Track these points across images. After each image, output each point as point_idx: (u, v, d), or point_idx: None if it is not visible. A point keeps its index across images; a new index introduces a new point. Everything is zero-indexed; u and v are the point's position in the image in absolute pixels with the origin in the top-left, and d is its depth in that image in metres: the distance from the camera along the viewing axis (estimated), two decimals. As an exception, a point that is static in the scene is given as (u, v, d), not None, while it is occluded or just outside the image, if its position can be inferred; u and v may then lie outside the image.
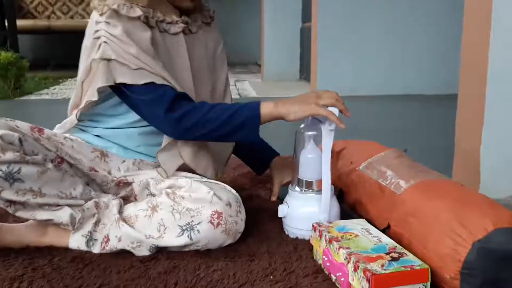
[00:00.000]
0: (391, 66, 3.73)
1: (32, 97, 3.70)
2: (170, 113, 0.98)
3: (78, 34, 5.48)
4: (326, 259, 0.90)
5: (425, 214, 0.89)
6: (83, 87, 1.05)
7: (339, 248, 0.85)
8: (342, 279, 0.83)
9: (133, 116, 1.06)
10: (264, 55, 5.05)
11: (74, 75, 4.84)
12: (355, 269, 0.80)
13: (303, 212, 1.05)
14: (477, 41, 1.35)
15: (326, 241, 0.90)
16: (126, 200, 1.08)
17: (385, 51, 3.71)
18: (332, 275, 0.88)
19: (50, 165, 0.95)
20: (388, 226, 0.98)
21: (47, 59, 6.63)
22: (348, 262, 0.82)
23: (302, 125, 1.09)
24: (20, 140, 0.92)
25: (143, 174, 1.09)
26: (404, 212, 0.94)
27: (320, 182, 1.04)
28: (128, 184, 1.09)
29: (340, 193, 1.20)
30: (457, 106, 1.47)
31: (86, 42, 1.04)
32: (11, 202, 0.93)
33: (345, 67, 3.70)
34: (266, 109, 1.00)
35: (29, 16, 6.62)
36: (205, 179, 1.06)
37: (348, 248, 0.85)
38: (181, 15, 1.10)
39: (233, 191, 1.03)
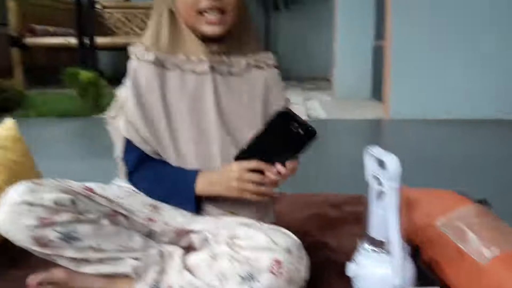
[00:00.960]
0: (467, 89, 3.54)
1: (109, 114, 3.84)
2: (128, 177, 1.06)
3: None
4: None
5: (512, 293, 0.81)
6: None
7: None
8: None
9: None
10: (335, 73, 4.98)
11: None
12: None
13: (375, 273, 0.99)
14: None
15: None
16: (186, 249, 1.08)
17: (462, 73, 3.54)
18: None
19: (105, 221, 0.97)
20: (469, 298, 0.90)
21: (123, 73, 6.92)
22: None
23: (370, 176, 1.02)
24: (72, 201, 0.94)
25: (201, 222, 1.07)
26: (487, 286, 0.86)
27: (393, 241, 0.98)
28: (187, 232, 1.08)
29: (416, 251, 1.12)
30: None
31: None
32: (73, 259, 0.95)
33: (419, 88, 3.57)
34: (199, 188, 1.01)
35: (108, 32, 6.92)
36: (265, 225, 1.03)
37: None
38: (220, 53, 1.06)
39: (293, 235, 0.99)
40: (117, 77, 4.41)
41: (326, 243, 1.29)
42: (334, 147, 2.82)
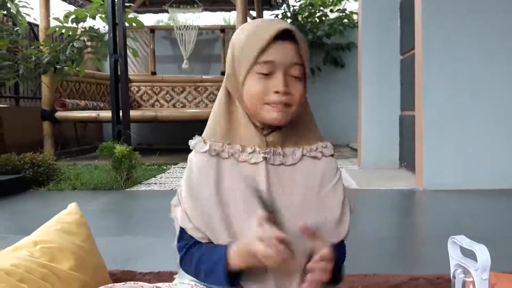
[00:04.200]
0: (501, 157, 3.53)
1: (142, 187, 3.88)
2: (180, 262, 1.07)
3: (179, 122, 5.82)
4: None
5: None
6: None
7: None
8: None
9: None
10: (361, 142, 5.01)
11: (176, 162, 5.06)
12: None
13: None
14: None
15: None
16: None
17: (494, 141, 3.54)
18: None
19: None
20: None
21: (150, 145, 7.05)
22: None
23: (456, 269, 1.01)
24: None
25: None
26: None
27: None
28: None
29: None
30: None
31: None
32: None
33: (453, 157, 3.56)
34: (234, 263, 0.98)
35: (135, 104, 7.13)
36: None
37: None
38: (270, 145, 1.05)
39: None
40: (141, 147, 4.50)
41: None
42: (372, 220, 2.78)
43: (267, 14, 8.62)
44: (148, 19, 13.39)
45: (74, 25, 4.28)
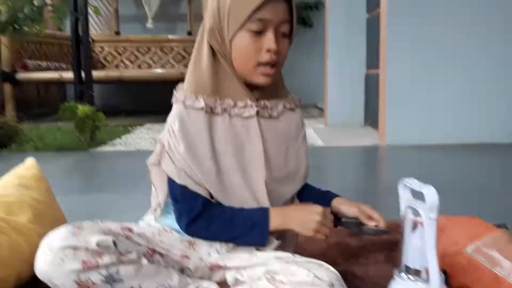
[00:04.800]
0: (463, 113, 3.63)
1: (107, 147, 3.83)
2: (189, 225, 1.04)
3: (145, 83, 5.70)
4: None
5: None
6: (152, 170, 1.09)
7: None
8: None
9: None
10: (327, 101, 5.04)
11: (142, 123, 5.00)
12: None
13: (412, 302, 1.00)
14: None
15: None
16: (220, 284, 1.08)
17: (457, 98, 3.62)
18: None
19: (144, 261, 0.98)
20: (510, 324, 0.92)
21: (115, 106, 6.93)
22: None
23: (407, 210, 1.04)
24: (114, 243, 0.95)
25: (236, 258, 1.08)
26: (530, 312, 0.87)
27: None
28: (221, 268, 1.08)
29: (444, 276, 1.14)
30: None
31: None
32: None
33: (415, 114, 3.64)
34: (274, 224, 1.03)
35: (99, 65, 6.96)
36: (298, 258, 1.04)
37: None
38: (258, 99, 1.08)
39: (332, 268, 1.00)
40: (106, 110, 4.44)
41: (353, 273, 1.29)
42: (337, 175, 2.85)
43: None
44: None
45: (32, -19, 4.12)
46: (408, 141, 3.58)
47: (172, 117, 1.05)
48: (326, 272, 0.96)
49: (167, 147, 1.04)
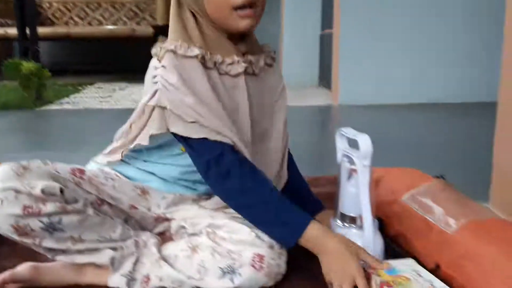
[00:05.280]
0: (414, 73, 3.68)
1: (54, 106, 3.71)
2: (222, 179, 0.94)
3: (95, 41, 5.50)
4: None
5: (481, 258, 0.85)
6: (131, 128, 1.02)
7: None
8: None
9: (177, 149, 1.03)
10: (282, 61, 5.02)
11: (93, 82, 4.86)
12: None
13: (347, 248, 1.02)
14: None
15: (376, 285, 0.87)
16: (162, 235, 1.07)
17: (408, 57, 3.67)
18: None
19: (90, 211, 0.93)
20: (437, 267, 0.94)
21: (65, 65, 6.68)
22: None
23: (341, 156, 1.05)
24: (61, 190, 0.90)
25: (182, 210, 1.06)
26: (457, 254, 0.90)
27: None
28: (166, 220, 1.07)
29: (380, 224, 1.17)
30: (496, 117, 1.41)
31: (145, 87, 1.00)
32: (51, 250, 0.92)
33: (367, 74, 3.67)
34: (310, 237, 0.93)
35: (48, 22, 6.66)
36: None
37: None
38: (244, 54, 1.01)
39: None
40: (55, 68, 4.28)
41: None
42: (290, 134, 2.85)
43: None
44: None
45: None
46: (361, 101, 3.62)
47: (162, 71, 0.94)
48: None
49: (169, 106, 0.93)
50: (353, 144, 1.01)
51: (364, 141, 0.95)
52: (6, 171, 0.88)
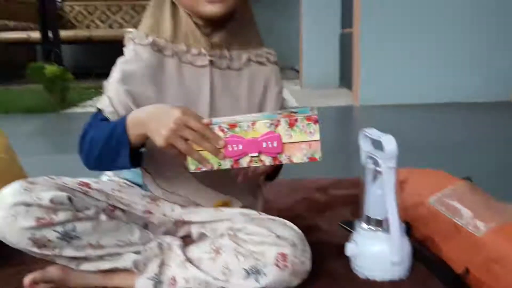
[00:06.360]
0: (435, 73, 3.63)
1: (78, 109, 3.76)
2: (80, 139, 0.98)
3: (116, 44, 5.49)
4: (231, 148, 0.84)
5: (511, 262, 0.84)
6: None
7: (253, 124, 0.83)
8: (274, 144, 0.83)
9: None
10: (302, 62, 5.00)
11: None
12: (292, 124, 0.82)
13: (373, 252, 1.01)
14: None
15: (226, 130, 0.84)
16: (184, 239, 1.07)
17: (429, 57, 3.62)
18: (242, 161, 0.84)
19: (103, 217, 0.95)
20: (467, 271, 0.93)
21: (86, 68, 6.76)
22: (277, 125, 0.82)
23: (365, 157, 1.04)
24: (69, 199, 0.92)
25: (199, 212, 1.07)
26: (486, 258, 0.89)
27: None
28: (186, 223, 1.07)
29: (407, 227, 1.15)
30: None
31: None
32: (73, 258, 0.94)
33: (387, 74, 3.63)
34: (131, 120, 0.90)
35: (69, 25, 6.75)
36: (263, 215, 1.03)
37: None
38: (217, 46, 1.02)
39: (295, 227, 0.99)
40: (77, 71, 4.31)
41: (318, 226, 1.30)
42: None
43: None
44: None
45: None
46: (382, 101, 3.58)
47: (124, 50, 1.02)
48: (289, 232, 0.96)
49: (105, 83, 1.00)
50: (377, 145, 1.00)
51: (389, 142, 0.95)
52: (14, 188, 0.90)
